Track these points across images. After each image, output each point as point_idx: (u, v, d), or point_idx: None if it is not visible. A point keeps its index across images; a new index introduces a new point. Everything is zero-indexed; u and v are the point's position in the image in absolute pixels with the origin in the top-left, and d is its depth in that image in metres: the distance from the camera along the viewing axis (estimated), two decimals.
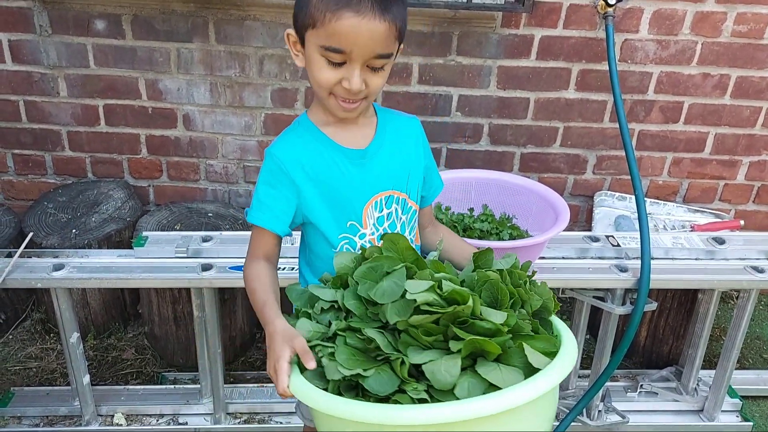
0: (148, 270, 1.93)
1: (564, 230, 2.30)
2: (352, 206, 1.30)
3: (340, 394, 1.01)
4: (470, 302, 1.02)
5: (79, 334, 2.01)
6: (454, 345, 1.00)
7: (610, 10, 2.28)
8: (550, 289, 1.17)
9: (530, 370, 1.00)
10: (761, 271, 2.04)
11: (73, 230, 2.34)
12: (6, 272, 1.89)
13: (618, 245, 2.15)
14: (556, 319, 1.16)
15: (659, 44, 2.44)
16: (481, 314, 1.03)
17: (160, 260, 1.98)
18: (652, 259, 2.06)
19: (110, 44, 2.42)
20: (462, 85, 2.49)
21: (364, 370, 1.00)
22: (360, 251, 1.21)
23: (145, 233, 2.13)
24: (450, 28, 2.38)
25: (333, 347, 1.04)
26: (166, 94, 2.51)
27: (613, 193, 2.69)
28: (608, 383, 2.39)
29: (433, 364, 0.99)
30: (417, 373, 1.02)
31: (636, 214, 2.03)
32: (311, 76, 1.20)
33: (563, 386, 2.30)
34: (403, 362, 1.00)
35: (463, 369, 0.99)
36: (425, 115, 2.52)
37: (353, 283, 1.12)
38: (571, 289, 2.06)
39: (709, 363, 2.44)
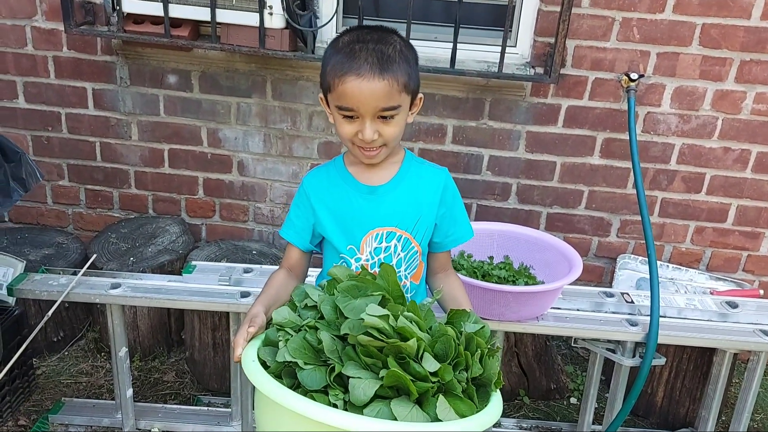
0: (192, 294, 2.15)
1: (584, 287, 2.44)
2: (353, 233, 1.51)
3: (279, 375, 1.19)
4: (412, 342, 1.13)
5: (127, 349, 2.23)
6: (382, 372, 1.12)
7: (632, 84, 2.48)
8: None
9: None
10: None
11: (131, 258, 2.59)
12: (70, 287, 2.13)
13: (632, 302, 2.26)
14: (496, 396, 1.20)
15: (681, 118, 2.60)
16: (421, 358, 1.14)
17: (204, 286, 2.20)
18: (664, 317, 2.16)
19: (179, 96, 2.73)
20: (492, 147, 2.69)
21: (305, 363, 1.16)
22: (359, 269, 1.41)
23: (194, 262, 2.36)
24: (483, 94, 2.61)
25: (292, 336, 1.22)
26: (224, 142, 2.79)
27: (637, 256, 2.79)
28: None
29: (355, 380, 1.13)
30: (346, 384, 1.15)
31: (659, 279, 2.15)
32: (336, 129, 1.45)
33: None
34: (333, 369, 1.15)
35: (384, 397, 1.12)
36: (457, 173, 2.72)
37: (336, 292, 1.28)
38: (583, 339, 2.16)
39: (728, 429, 2.47)
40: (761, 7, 2.41)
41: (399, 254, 1.53)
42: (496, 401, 1.20)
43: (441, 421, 1.10)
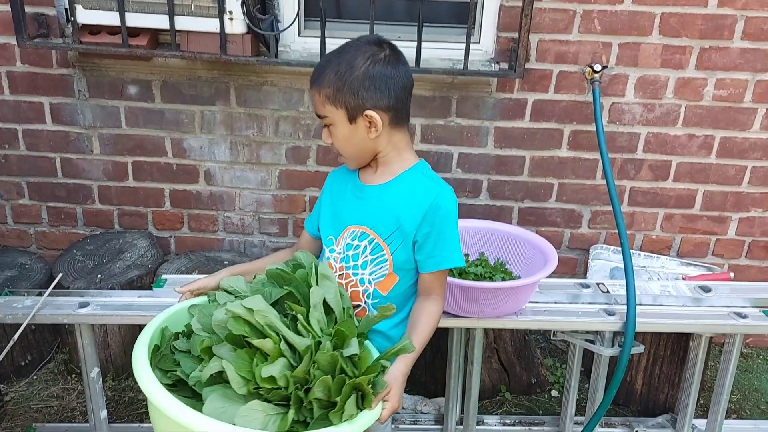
0: (165, 308, 2.09)
1: (559, 279, 2.44)
2: (336, 225, 1.55)
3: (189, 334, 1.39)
4: (264, 342, 1.22)
5: (99, 369, 2.16)
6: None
7: (596, 76, 2.49)
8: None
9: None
10: (744, 317, 2.13)
11: (99, 275, 2.52)
12: (36, 308, 2.06)
13: (607, 291, 2.27)
14: (336, 427, 1.20)
15: (645, 107, 2.63)
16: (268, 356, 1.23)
17: (176, 300, 2.13)
18: (640, 305, 2.18)
19: (141, 107, 2.66)
20: (461, 144, 2.69)
21: (202, 329, 1.33)
22: (330, 259, 1.56)
23: (164, 276, 2.30)
24: (449, 92, 2.60)
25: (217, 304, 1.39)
26: (189, 152, 2.73)
27: (609, 246, 2.81)
28: (605, 430, 2.46)
29: (214, 359, 1.24)
30: None
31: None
32: None
33: None
34: (204, 341, 1.29)
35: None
36: None
37: (267, 275, 1.44)
38: (562, 332, 2.16)
39: (707, 412, 2.49)
40: None
41: (367, 256, 1.52)
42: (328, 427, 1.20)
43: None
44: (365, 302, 1.53)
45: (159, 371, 1.32)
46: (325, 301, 1.37)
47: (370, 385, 1.25)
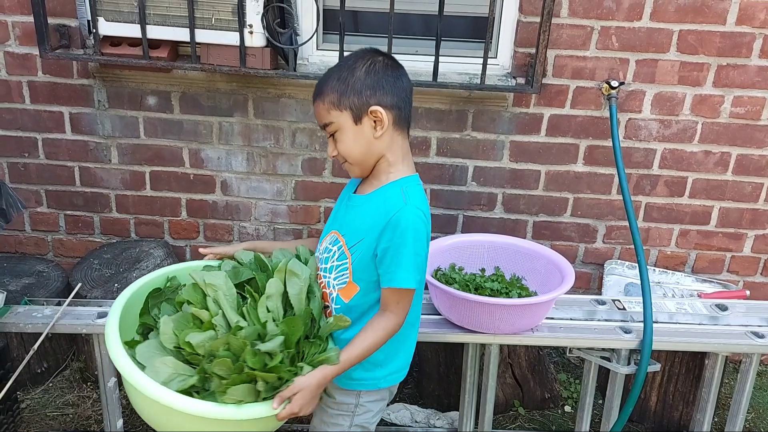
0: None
1: (574, 295, 2.44)
2: (326, 229, 1.68)
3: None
4: (200, 312, 1.40)
5: (116, 379, 2.17)
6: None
7: (613, 92, 2.50)
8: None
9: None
10: (761, 336, 2.13)
11: (116, 284, 2.54)
12: (55, 318, 2.08)
13: (624, 308, 2.26)
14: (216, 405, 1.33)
15: (662, 123, 2.63)
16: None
17: None
18: (657, 322, 2.17)
19: (159, 117, 2.69)
20: (477, 158, 2.70)
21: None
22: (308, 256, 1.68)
23: None
24: (466, 106, 2.61)
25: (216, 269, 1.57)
26: (207, 162, 2.75)
27: (623, 261, 2.81)
28: None
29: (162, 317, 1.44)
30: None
31: None
32: None
33: None
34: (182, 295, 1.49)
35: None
36: (443, 184, 2.72)
37: (255, 259, 1.61)
38: (578, 349, 2.16)
39: (722, 431, 2.48)
40: (735, 12, 2.45)
41: (334, 261, 1.58)
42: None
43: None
44: (331, 305, 1.58)
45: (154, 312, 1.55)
46: (288, 296, 1.48)
47: (280, 382, 1.38)
